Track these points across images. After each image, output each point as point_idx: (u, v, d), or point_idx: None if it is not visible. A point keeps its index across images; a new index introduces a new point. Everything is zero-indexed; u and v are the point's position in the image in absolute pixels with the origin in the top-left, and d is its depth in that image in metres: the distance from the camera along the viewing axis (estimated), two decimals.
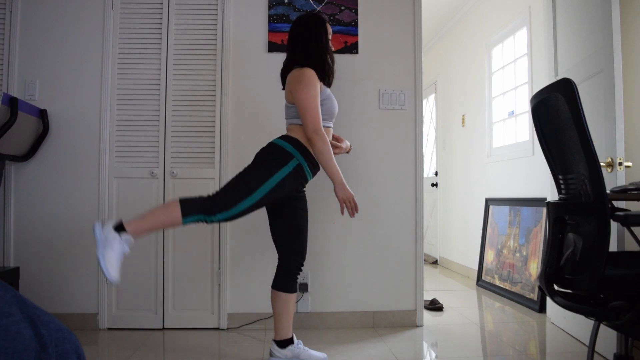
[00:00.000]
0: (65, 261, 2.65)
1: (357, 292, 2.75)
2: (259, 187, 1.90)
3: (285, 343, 2.08)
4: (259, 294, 2.69)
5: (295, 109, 2.01)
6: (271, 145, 2.01)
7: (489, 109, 4.22)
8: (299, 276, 2.10)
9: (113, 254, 1.75)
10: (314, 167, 2.03)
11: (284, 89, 2.11)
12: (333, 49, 2.20)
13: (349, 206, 1.98)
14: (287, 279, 2.06)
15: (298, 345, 2.10)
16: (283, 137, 2.03)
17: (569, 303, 1.49)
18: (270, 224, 2.12)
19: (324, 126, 2.03)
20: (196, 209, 1.86)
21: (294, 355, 2.07)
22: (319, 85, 1.99)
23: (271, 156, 1.97)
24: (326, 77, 2.07)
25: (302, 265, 2.09)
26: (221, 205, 1.88)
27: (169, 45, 2.71)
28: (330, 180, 1.99)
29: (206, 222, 1.89)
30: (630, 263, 1.46)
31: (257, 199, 1.90)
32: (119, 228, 1.79)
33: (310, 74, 1.96)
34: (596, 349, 2.07)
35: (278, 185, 1.91)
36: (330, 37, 2.13)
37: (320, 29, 2.07)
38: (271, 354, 2.09)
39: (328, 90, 2.09)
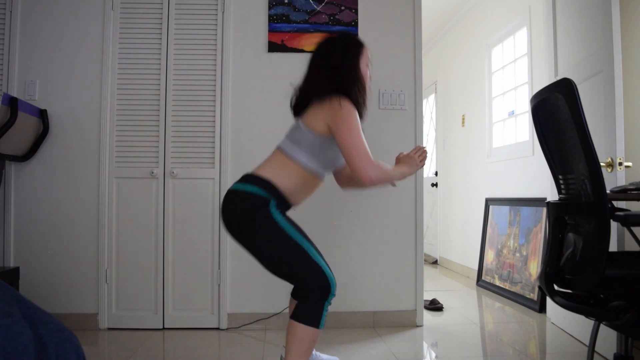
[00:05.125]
0: (65, 261, 2.65)
1: (357, 292, 2.75)
2: (291, 245, 1.62)
3: None
4: (259, 294, 2.69)
5: (304, 134, 1.69)
6: (238, 201, 1.65)
7: (489, 109, 4.22)
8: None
9: None
10: (286, 207, 1.72)
11: (297, 116, 1.80)
12: (370, 77, 1.87)
13: (421, 158, 1.81)
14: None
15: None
16: (245, 179, 1.68)
17: (569, 303, 1.49)
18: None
19: (317, 174, 1.73)
20: (315, 310, 1.62)
21: None
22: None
23: (254, 216, 1.62)
24: (362, 111, 1.77)
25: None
26: (313, 283, 1.62)
27: (169, 45, 2.71)
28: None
29: (330, 301, 1.66)
30: (630, 263, 1.46)
31: (303, 245, 1.64)
32: None
33: (352, 107, 1.65)
34: (596, 349, 2.07)
35: (286, 226, 1.64)
36: (368, 63, 1.83)
37: (357, 53, 1.78)
38: None
39: None
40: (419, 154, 1.83)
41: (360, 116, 1.73)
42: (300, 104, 1.78)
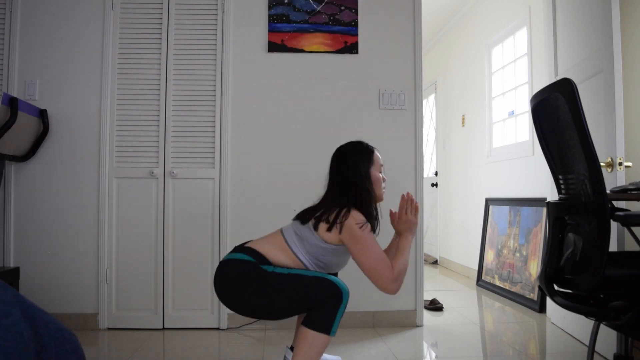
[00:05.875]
0: (65, 261, 2.65)
1: (357, 292, 2.74)
2: (282, 278, 1.60)
3: None
4: None
5: (313, 238, 1.69)
6: (228, 267, 1.66)
7: (489, 109, 4.22)
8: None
9: None
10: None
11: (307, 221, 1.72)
12: (384, 185, 1.88)
13: (413, 211, 1.80)
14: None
15: None
16: (240, 250, 1.69)
17: (569, 303, 1.49)
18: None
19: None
20: (328, 315, 1.60)
21: None
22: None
23: (244, 273, 1.62)
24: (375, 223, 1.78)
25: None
26: (321, 294, 1.61)
27: (169, 45, 2.71)
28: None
29: (344, 306, 1.65)
30: (630, 263, 1.46)
31: (294, 272, 1.63)
32: None
33: (367, 226, 1.69)
34: (596, 349, 2.07)
35: (276, 268, 1.64)
36: (381, 169, 1.85)
37: (368, 162, 1.80)
38: None
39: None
40: (409, 208, 1.80)
41: (373, 227, 1.77)
42: (311, 213, 1.74)
